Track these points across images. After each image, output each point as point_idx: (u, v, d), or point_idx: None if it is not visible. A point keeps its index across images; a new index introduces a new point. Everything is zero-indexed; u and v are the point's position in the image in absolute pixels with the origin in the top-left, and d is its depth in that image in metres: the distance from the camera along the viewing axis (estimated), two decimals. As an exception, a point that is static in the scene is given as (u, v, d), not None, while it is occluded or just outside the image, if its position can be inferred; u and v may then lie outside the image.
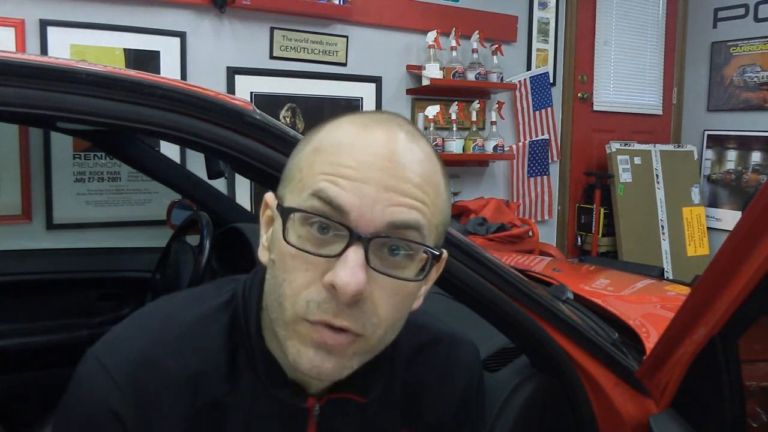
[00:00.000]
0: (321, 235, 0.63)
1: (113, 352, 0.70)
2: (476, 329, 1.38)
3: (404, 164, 0.64)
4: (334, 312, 0.62)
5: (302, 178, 0.65)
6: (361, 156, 0.63)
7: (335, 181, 0.62)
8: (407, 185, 0.64)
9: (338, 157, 0.64)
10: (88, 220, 2.58)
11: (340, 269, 0.61)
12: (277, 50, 3.03)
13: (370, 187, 0.62)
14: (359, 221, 0.62)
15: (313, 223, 0.63)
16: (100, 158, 2.59)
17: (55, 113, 0.81)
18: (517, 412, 1.20)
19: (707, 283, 1.02)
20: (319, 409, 0.74)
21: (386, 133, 0.65)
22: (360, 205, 0.62)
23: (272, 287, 0.66)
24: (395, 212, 0.63)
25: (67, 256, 2.17)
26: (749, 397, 1.10)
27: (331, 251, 0.62)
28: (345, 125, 0.67)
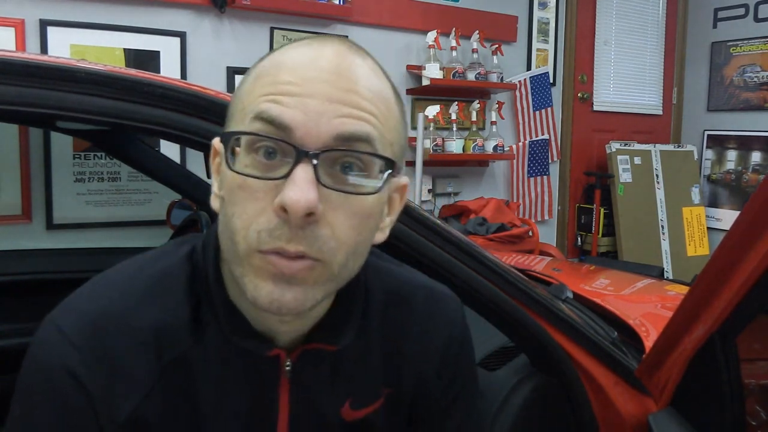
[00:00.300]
0: (268, 161, 0.59)
1: (69, 312, 0.66)
2: (476, 329, 1.39)
3: (350, 76, 0.61)
4: (288, 237, 0.58)
5: (244, 106, 0.62)
6: (304, 72, 0.60)
7: (277, 99, 0.59)
8: (354, 96, 0.60)
9: (279, 76, 0.61)
10: (88, 220, 2.58)
11: (289, 188, 0.57)
12: (277, 50, 3.03)
13: (314, 100, 0.59)
14: (305, 138, 0.58)
15: (258, 148, 0.60)
16: (100, 158, 2.59)
17: (55, 112, 0.81)
18: (517, 411, 1.20)
19: (706, 282, 1.02)
20: (290, 363, 0.71)
21: (330, 48, 0.62)
22: (305, 121, 0.58)
23: (223, 225, 0.63)
24: (343, 123, 0.59)
25: (67, 256, 2.17)
26: (748, 396, 1.10)
27: (279, 173, 0.59)
28: (287, 48, 0.64)
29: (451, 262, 1.06)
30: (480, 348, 1.37)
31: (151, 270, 0.70)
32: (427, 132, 3.33)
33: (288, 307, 0.61)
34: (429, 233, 1.04)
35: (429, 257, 1.04)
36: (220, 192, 0.64)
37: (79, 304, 0.67)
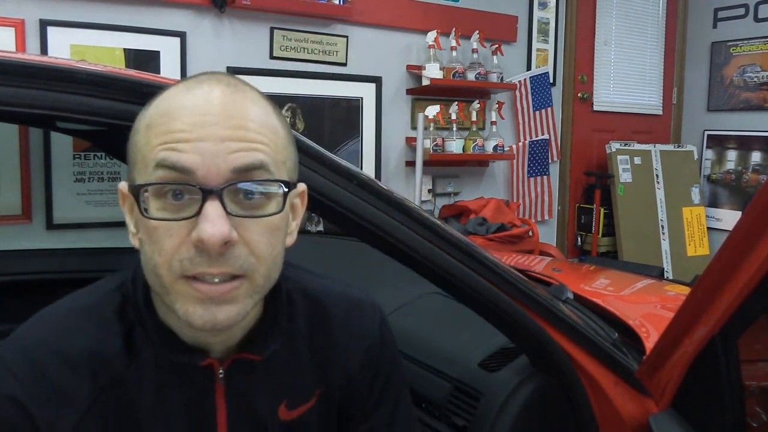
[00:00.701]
0: (177, 202, 0.65)
1: (10, 343, 0.73)
2: (476, 329, 1.39)
3: (233, 113, 0.67)
4: (209, 263, 0.65)
5: (144, 156, 0.67)
6: (193, 118, 0.66)
7: (173, 147, 0.65)
8: (241, 131, 0.66)
9: (170, 125, 0.66)
10: (88, 220, 2.58)
11: (203, 224, 0.64)
12: (277, 50, 3.03)
13: (206, 143, 0.65)
14: (207, 177, 0.65)
15: (166, 192, 0.65)
16: (100, 158, 2.59)
17: (55, 113, 0.81)
18: (517, 412, 1.20)
19: (707, 283, 1.02)
20: (223, 371, 0.76)
21: (209, 90, 0.68)
22: (203, 162, 0.64)
23: (146, 262, 0.69)
24: (237, 157, 0.65)
25: (67, 256, 2.16)
26: (749, 397, 1.10)
27: (190, 212, 0.65)
28: (168, 94, 0.69)
29: (451, 262, 1.06)
30: (480, 349, 1.38)
31: (83, 302, 0.77)
32: (427, 132, 3.33)
33: (222, 324, 0.68)
34: (429, 233, 1.04)
35: (429, 258, 1.04)
36: (138, 233, 0.70)
37: (19, 337, 0.73)
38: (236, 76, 0.75)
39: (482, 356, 1.35)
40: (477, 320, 1.19)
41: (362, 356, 0.88)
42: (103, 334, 0.74)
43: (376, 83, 3.32)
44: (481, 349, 1.37)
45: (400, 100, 3.44)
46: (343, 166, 0.97)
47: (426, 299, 1.66)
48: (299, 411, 0.83)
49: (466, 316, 1.29)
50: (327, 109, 3.17)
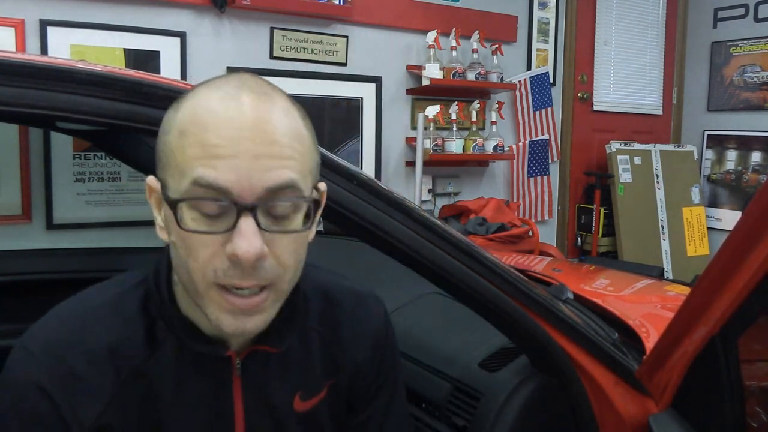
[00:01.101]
0: (211, 213, 0.67)
1: (35, 336, 0.76)
2: (476, 329, 1.39)
3: (266, 128, 0.68)
4: (240, 276, 0.68)
5: (177, 164, 0.68)
6: (227, 132, 0.67)
7: (209, 163, 0.66)
8: (274, 147, 0.68)
9: (205, 137, 0.67)
10: (88, 220, 2.57)
11: (238, 240, 0.66)
12: (277, 50, 3.03)
13: (242, 160, 0.66)
14: (241, 194, 0.67)
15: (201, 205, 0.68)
16: (100, 158, 2.59)
17: (55, 113, 0.81)
18: (517, 412, 1.20)
19: (707, 283, 1.02)
20: (240, 362, 0.80)
21: (244, 101, 0.69)
22: (237, 180, 0.66)
23: (179, 264, 0.71)
24: (270, 177, 0.67)
25: (67, 256, 2.16)
26: (749, 397, 1.10)
27: (224, 226, 0.67)
28: (200, 100, 0.70)
29: (451, 262, 1.06)
30: (480, 349, 1.38)
31: (106, 296, 0.80)
32: (427, 132, 3.33)
33: (250, 332, 0.73)
34: (429, 233, 1.04)
35: (429, 258, 1.04)
36: (171, 237, 0.72)
37: (42, 330, 0.77)
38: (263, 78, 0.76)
39: (482, 356, 1.35)
40: (477, 320, 1.19)
41: (370, 349, 0.92)
42: (124, 328, 0.77)
43: (376, 83, 3.31)
44: (481, 349, 1.37)
45: (400, 100, 3.44)
46: (343, 166, 0.97)
47: (426, 299, 1.66)
48: (312, 402, 0.87)
49: (466, 316, 1.29)
50: (327, 109, 3.17)
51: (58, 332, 0.76)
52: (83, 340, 0.75)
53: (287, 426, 0.85)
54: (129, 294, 0.80)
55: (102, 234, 2.58)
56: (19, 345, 0.75)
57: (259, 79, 0.74)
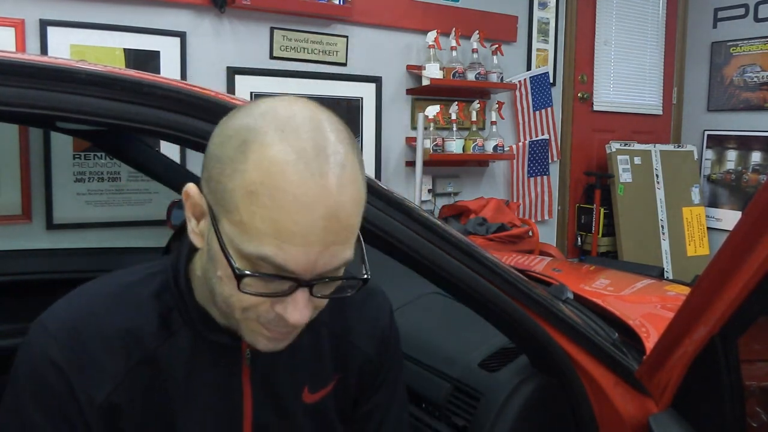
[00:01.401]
0: (267, 278, 0.68)
1: (52, 315, 0.79)
2: (476, 329, 1.39)
3: (342, 216, 0.67)
4: (284, 327, 0.73)
5: (243, 223, 0.67)
6: (304, 218, 0.65)
7: (281, 247, 0.66)
8: (345, 233, 0.69)
9: (279, 218, 0.65)
10: (88, 220, 2.58)
11: (292, 310, 0.70)
12: (277, 50, 3.03)
13: (312, 248, 0.67)
14: (305, 273, 0.68)
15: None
16: (100, 158, 2.59)
17: (55, 113, 0.81)
18: (517, 412, 1.20)
19: (707, 283, 1.02)
20: (249, 352, 0.82)
21: (327, 180, 0.66)
22: (305, 264, 0.67)
23: (219, 292, 0.73)
24: (333, 260, 0.69)
25: (67, 256, 2.16)
26: (749, 397, 1.10)
27: (279, 289, 0.69)
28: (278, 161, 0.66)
29: (451, 262, 1.06)
30: (480, 349, 1.37)
31: (124, 282, 0.82)
32: (427, 132, 3.33)
33: (280, 349, 0.77)
34: (429, 233, 1.04)
35: (429, 258, 1.04)
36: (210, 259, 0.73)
37: (60, 309, 0.79)
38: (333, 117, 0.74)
39: (482, 356, 1.35)
40: (477, 320, 1.19)
41: (377, 344, 0.95)
42: (140, 314, 0.79)
43: (376, 83, 3.31)
44: (481, 349, 1.37)
45: (400, 100, 3.44)
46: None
47: (426, 299, 1.66)
48: (320, 395, 0.89)
49: (466, 316, 1.29)
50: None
51: (76, 312, 0.78)
52: (99, 322, 0.78)
53: (294, 417, 0.86)
54: (147, 282, 0.82)
55: (102, 234, 2.58)
56: (39, 321, 0.78)
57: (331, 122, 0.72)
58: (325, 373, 0.90)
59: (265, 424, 0.84)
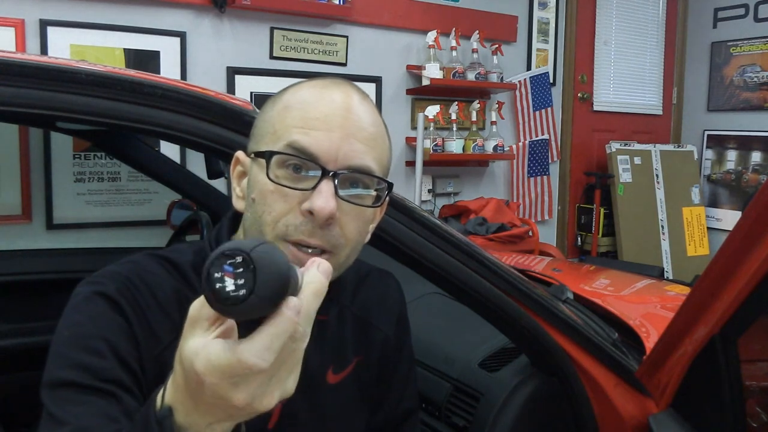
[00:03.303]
0: (296, 174, 0.76)
1: (106, 271, 0.80)
2: (476, 329, 1.39)
3: (359, 116, 0.79)
4: (309, 232, 0.75)
5: (275, 131, 0.78)
6: (326, 109, 0.77)
7: (306, 132, 0.76)
8: (362, 133, 0.78)
9: (306, 111, 0.77)
10: (88, 220, 2.58)
11: (316, 198, 0.74)
12: (277, 50, 3.03)
13: (334, 133, 0.76)
14: (327, 161, 0.75)
15: (288, 165, 0.76)
16: (100, 158, 2.59)
17: (55, 113, 0.81)
18: (517, 412, 1.20)
19: (707, 283, 1.02)
20: None
21: (343, 92, 0.80)
22: (328, 149, 0.75)
23: (253, 220, 0.78)
24: (354, 156, 0.77)
25: (67, 256, 2.16)
26: (749, 397, 1.10)
27: (306, 185, 0.75)
28: (307, 87, 0.81)
29: (451, 262, 1.06)
30: (480, 349, 1.38)
31: (164, 255, 0.85)
32: (427, 132, 3.33)
33: None
34: (429, 233, 1.04)
35: (429, 258, 1.04)
36: (250, 194, 0.79)
37: (111, 271, 0.80)
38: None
39: (482, 356, 1.35)
40: (477, 320, 1.19)
41: (395, 324, 1.00)
42: (185, 282, 0.83)
43: (376, 83, 3.32)
44: (481, 349, 1.37)
45: (400, 100, 3.44)
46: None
47: (426, 299, 1.66)
48: (342, 375, 0.93)
49: (466, 316, 1.29)
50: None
51: (128, 272, 0.80)
52: (153, 280, 0.80)
53: (320, 395, 0.90)
54: (189, 258, 0.85)
55: (102, 234, 2.58)
56: (84, 282, 0.79)
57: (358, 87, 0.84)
58: (347, 354, 0.93)
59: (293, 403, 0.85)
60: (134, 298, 0.77)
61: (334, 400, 0.91)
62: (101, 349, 0.73)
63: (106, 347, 0.73)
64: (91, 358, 0.72)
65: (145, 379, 0.75)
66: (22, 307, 1.98)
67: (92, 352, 0.73)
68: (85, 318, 0.75)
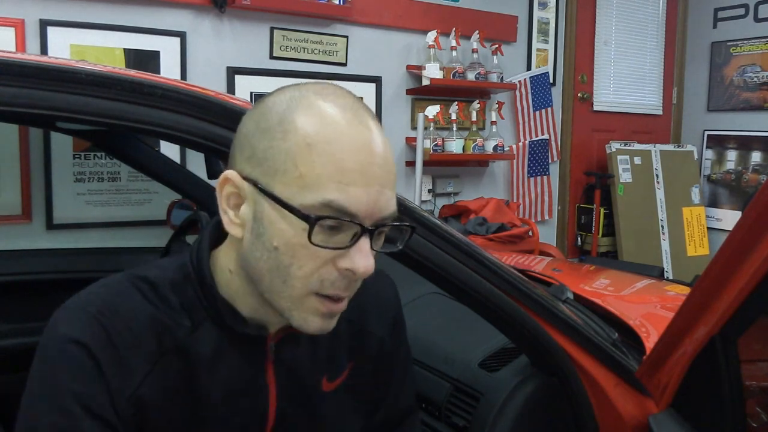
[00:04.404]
0: (331, 231, 0.71)
1: (79, 302, 0.76)
2: (476, 329, 1.39)
3: (388, 160, 0.74)
4: (345, 287, 0.74)
5: (302, 176, 0.70)
6: (361, 157, 0.71)
7: (344, 189, 0.70)
8: (391, 177, 0.74)
9: (339, 160, 0.70)
10: (88, 220, 2.58)
11: (358, 258, 0.72)
12: (277, 50, 3.03)
13: (372, 188, 0.71)
14: (365, 218, 0.71)
15: (324, 225, 0.70)
16: (100, 158, 2.59)
17: (55, 113, 0.81)
18: (517, 412, 1.20)
19: (707, 283, 1.02)
20: (274, 345, 0.83)
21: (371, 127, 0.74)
22: (366, 206, 0.71)
23: (275, 268, 0.73)
24: (388, 206, 0.74)
25: (67, 256, 2.16)
26: (749, 397, 1.10)
27: (342, 242, 0.72)
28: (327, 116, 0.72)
29: (452, 262, 1.06)
30: (480, 349, 1.37)
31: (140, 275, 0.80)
32: (427, 132, 3.33)
33: (328, 330, 0.78)
34: (429, 233, 1.04)
35: (428, 258, 1.04)
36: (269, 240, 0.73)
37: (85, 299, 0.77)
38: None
39: (482, 356, 1.35)
40: (477, 320, 1.19)
41: (390, 321, 0.98)
42: (164, 305, 0.79)
43: (376, 83, 3.32)
44: (481, 349, 1.37)
45: (400, 100, 3.44)
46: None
47: (426, 299, 1.66)
48: (337, 382, 0.91)
49: (466, 316, 1.29)
50: (327, 109, 3.17)
51: (102, 300, 0.76)
52: (127, 309, 0.76)
53: (316, 405, 0.88)
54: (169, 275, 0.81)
55: (102, 234, 2.58)
56: (62, 308, 0.76)
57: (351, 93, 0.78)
58: (341, 360, 0.91)
59: (288, 414, 0.85)
60: (107, 338, 0.73)
61: (329, 408, 0.90)
62: (73, 410, 0.71)
63: (78, 406, 0.71)
64: (63, 419, 0.71)
65: (121, 421, 0.73)
66: (22, 307, 1.98)
67: (64, 412, 0.71)
68: (57, 370, 0.72)
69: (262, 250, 0.73)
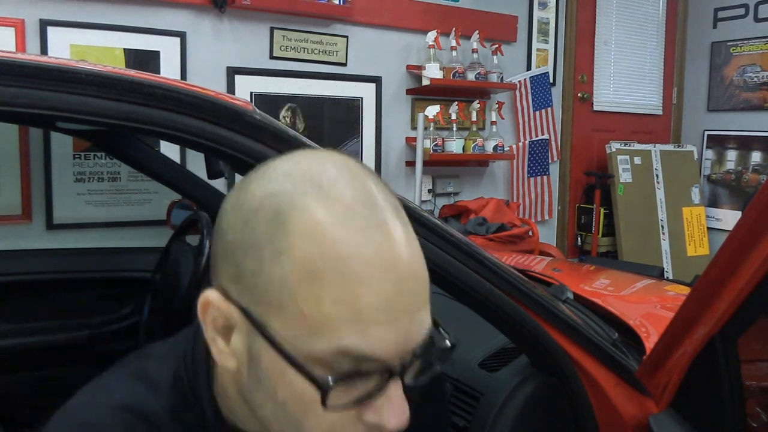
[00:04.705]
0: (349, 380, 0.54)
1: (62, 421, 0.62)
2: (476, 329, 1.39)
3: (419, 275, 0.56)
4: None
5: (306, 317, 0.52)
6: (384, 285, 0.52)
7: (364, 331, 0.52)
8: (425, 291, 0.56)
9: (355, 293, 0.52)
10: (88, 220, 2.58)
11: (388, 412, 0.54)
12: (277, 50, 3.03)
13: (402, 320, 0.54)
14: (393, 357, 0.54)
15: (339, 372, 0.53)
16: (100, 158, 2.59)
17: (55, 113, 0.81)
18: (517, 412, 1.19)
19: (707, 283, 1.02)
20: None
21: (394, 235, 0.55)
22: (396, 347, 0.54)
23: (283, 419, 0.57)
24: (422, 331, 0.56)
25: (67, 256, 2.16)
26: (749, 397, 1.10)
27: (365, 391, 0.54)
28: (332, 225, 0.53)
29: (451, 262, 1.06)
30: (480, 349, 1.37)
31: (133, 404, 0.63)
32: (427, 132, 3.33)
33: None
34: (429, 233, 1.04)
35: (428, 258, 1.04)
36: (274, 389, 0.56)
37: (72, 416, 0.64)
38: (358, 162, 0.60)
39: (482, 356, 1.35)
40: (477, 320, 1.19)
41: None
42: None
43: (376, 83, 3.32)
44: (481, 349, 1.37)
45: (400, 100, 3.44)
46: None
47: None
48: None
49: (466, 316, 1.29)
50: (327, 109, 3.17)
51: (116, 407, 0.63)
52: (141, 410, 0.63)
53: None
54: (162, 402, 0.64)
55: (102, 234, 2.58)
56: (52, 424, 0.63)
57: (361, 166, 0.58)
58: None
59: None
60: None
61: None
62: None
63: None
64: None
65: None
66: (22, 307, 1.98)
67: None
68: None
69: (266, 397, 0.57)
